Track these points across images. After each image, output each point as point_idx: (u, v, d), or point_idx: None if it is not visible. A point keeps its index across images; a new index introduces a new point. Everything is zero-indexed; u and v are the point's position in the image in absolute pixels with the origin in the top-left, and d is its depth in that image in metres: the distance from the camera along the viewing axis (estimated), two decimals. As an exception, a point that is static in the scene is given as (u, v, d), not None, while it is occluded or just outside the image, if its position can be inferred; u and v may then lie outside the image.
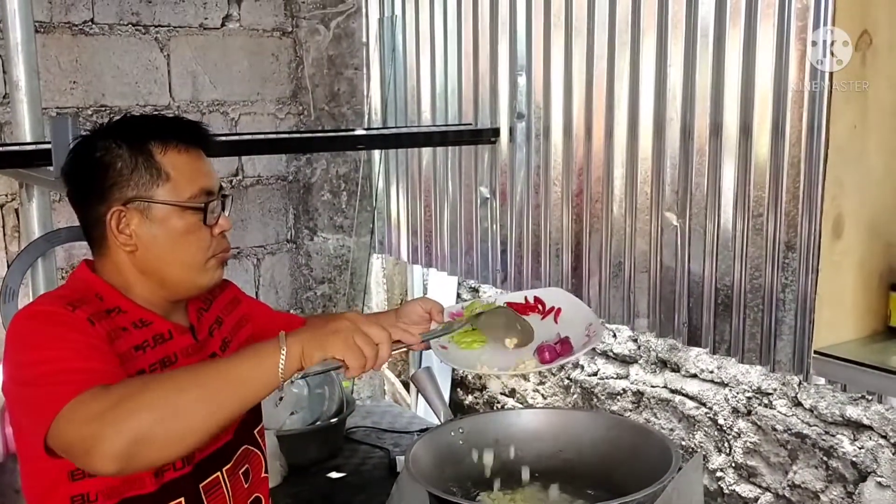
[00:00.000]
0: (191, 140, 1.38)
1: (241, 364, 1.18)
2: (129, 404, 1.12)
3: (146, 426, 1.10)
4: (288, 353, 1.16)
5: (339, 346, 1.18)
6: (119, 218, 1.33)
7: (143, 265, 1.35)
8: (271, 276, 3.20)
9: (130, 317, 1.34)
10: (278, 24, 3.08)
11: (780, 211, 1.82)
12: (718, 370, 2.28)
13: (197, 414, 1.13)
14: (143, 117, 1.44)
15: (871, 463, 1.95)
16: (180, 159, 1.35)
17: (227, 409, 1.15)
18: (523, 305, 1.53)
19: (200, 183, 1.36)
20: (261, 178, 3.12)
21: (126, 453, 1.09)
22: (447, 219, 2.82)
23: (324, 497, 2.35)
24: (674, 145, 2.04)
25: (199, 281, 1.38)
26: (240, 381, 1.16)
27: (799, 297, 1.80)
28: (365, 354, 1.19)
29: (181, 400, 1.13)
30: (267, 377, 1.16)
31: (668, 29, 2.02)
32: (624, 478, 1.47)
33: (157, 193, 1.33)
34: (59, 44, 2.65)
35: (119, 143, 1.34)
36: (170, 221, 1.33)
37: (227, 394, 1.15)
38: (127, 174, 1.32)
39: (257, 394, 1.18)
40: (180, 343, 1.39)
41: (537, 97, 2.41)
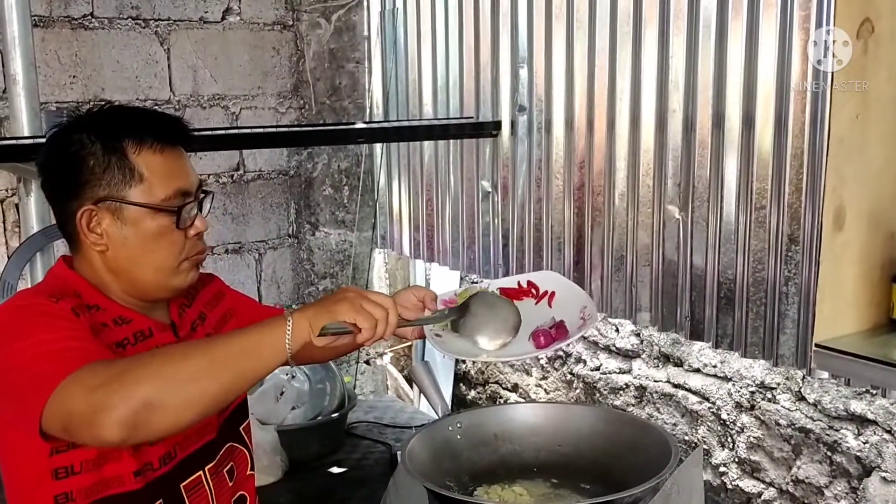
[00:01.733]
0: (168, 138, 1.33)
1: (248, 336, 1.18)
2: (135, 372, 1.11)
3: (154, 392, 1.09)
4: (294, 324, 1.16)
5: (348, 309, 1.18)
6: (90, 217, 1.29)
7: (113, 265, 1.32)
8: (273, 271, 3.20)
9: (110, 314, 1.32)
10: (279, 17, 3.06)
11: (783, 203, 1.80)
12: (721, 364, 2.26)
13: (204, 381, 1.12)
14: (121, 110, 1.38)
15: (875, 458, 1.93)
16: (155, 159, 1.30)
17: (234, 378, 1.15)
18: (516, 290, 1.51)
19: (176, 184, 1.32)
20: (262, 172, 3.11)
21: (133, 421, 1.08)
22: (449, 213, 2.80)
23: (324, 492, 2.34)
24: (676, 138, 2.02)
25: (171, 283, 1.35)
26: (247, 351, 1.16)
27: (802, 290, 1.78)
28: (375, 317, 1.19)
29: (188, 366, 1.12)
30: (274, 348, 1.16)
31: (669, 20, 1.99)
32: (623, 472, 1.45)
33: (129, 194, 1.29)
34: (59, 38, 2.64)
35: (93, 139, 1.29)
36: (142, 223, 1.30)
37: (234, 363, 1.15)
38: (99, 173, 1.29)
39: (265, 364, 1.17)
40: (161, 340, 1.36)
41: (539, 90, 2.39)
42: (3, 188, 2.58)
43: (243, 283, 3.09)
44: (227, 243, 3.08)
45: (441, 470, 1.49)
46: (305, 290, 3.27)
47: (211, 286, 1.55)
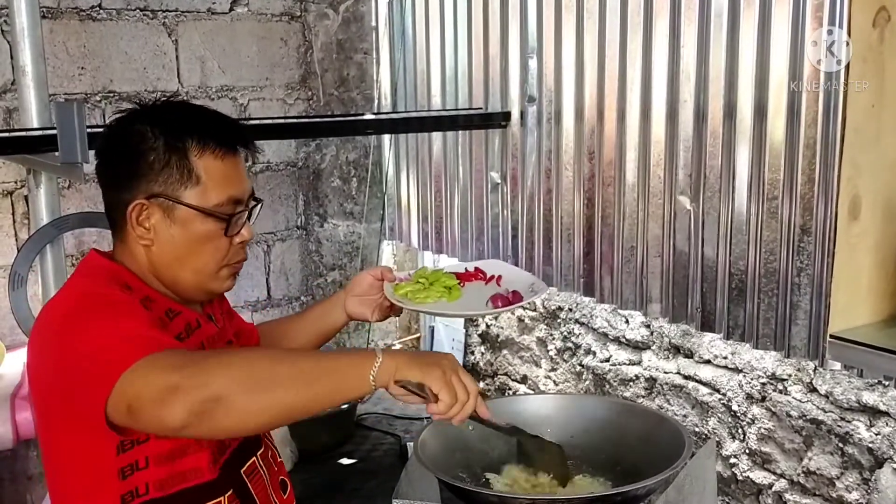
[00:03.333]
0: (231, 144, 1.33)
1: (336, 359, 1.17)
2: (218, 362, 1.10)
3: (230, 387, 1.08)
4: (382, 364, 1.14)
5: (439, 378, 1.16)
6: (140, 211, 1.30)
7: (156, 261, 1.32)
8: (281, 263, 3.19)
9: (161, 306, 1.32)
10: (287, 8, 3.05)
11: (795, 194, 1.79)
12: (732, 356, 2.25)
13: (285, 391, 1.11)
14: (187, 108, 1.39)
15: (887, 449, 1.92)
16: (216, 165, 1.30)
17: (312, 396, 1.13)
18: (468, 273, 1.66)
19: (230, 191, 1.32)
20: (270, 164, 3.11)
21: (199, 410, 1.07)
22: (458, 204, 2.80)
23: (334, 483, 2.34)
24: (687, 128, 2.01)
25: (209, 286, 1.36)
26: (332, 373, 1.15)
27: (815, 281, 1.77)
28: (458, 397, 1.17)
29: (273, 372, 1.11)
30: (358, 378, 1.14)
31: (681, 10, 1.98)
32: (636, 463, 1.45)
33: (183, 195, 1.29)
34: (67, 29, 2.64)
35: (156, 134, 1.29)
36: (191, 225, 1.30)
37: (317, 381, 1.13)
38: (158, 169, 1.29)
39: (344, 392, 1.16)
40: (207, 331, 1.38)
41: (548, 80, 2.38)
42: (12, 180, 2.59)
43: (252, 275, 3.09)
44: (236, 235, 3.08)
45: (453, 461, 1.49)
46: (314, 281, 3.27)
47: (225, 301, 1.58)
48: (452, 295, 1.59)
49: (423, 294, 1.57)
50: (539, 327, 2.87)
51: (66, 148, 1.77)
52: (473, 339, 3.16)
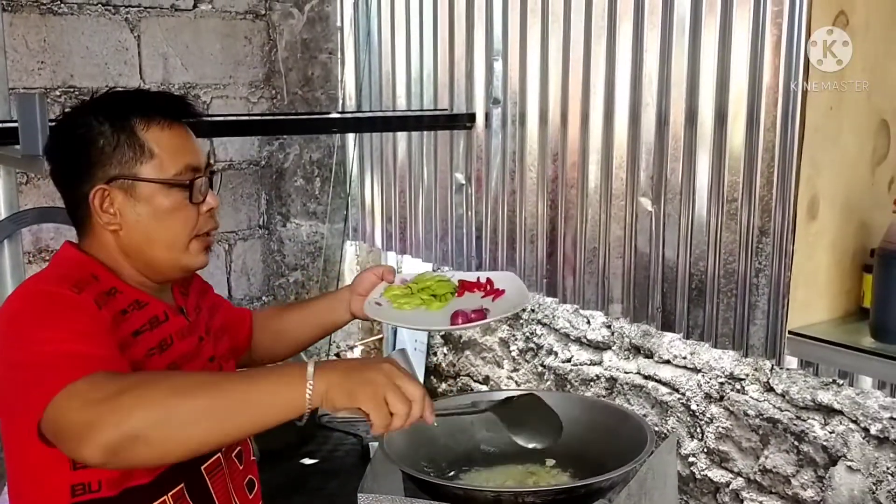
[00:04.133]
0: (175, 115, 1.34)
1: (262, 387, 1.09)
2: (133, 397, 1.05)
3: (147, 424, 1.04)
4: (315, 390, 1.07)
5: (369, 399, 1.09)
6: (102, 197, 1.30)
7: (127, 245, 1.32)
8: (243, 263, 3.17)
9: (127, 298, 1.31)
10: (251, 6, 3.04)
11: (754, 196, 1.83)
12: (691, 356, 2.29)
13: (200, 426, 1.06)
14: (127, 92, 1.40)
15: (841, 447, 1.97)
16: (164, 135, 1.31)
17: (235, 429, 1.09)
18: (472, 283, 1.58)
19: (186, 159, 1.33)
20: (233, 162, 3.09)
21: (116, 447, 1.04)
22: (422, 205, 2.81)
23: (296, 483, 2.33)
24: (649, 131, 2.04)
25: (184, 261, 1.35)
26: (257, 404, 1.08)
27: (772, 281, 1.81)
28: (393, 412, 1.09)
29: (189, 405, 1.06)
30: (288, 407, 1.08)
31: (644, 15, 2.01)
32: (599, 458, 1.47)
33: (141, 171, 1.29)
34: (27, 23, 2.60)
35: (101, 120, 1.30)
36: (155, 199, 1.30)
37: (240, 414, 1.08)
38: (109, 152, 1.29)
39: (272, 420, 1.09)
40: (175, 325, 1.37)
41: (513, 83, 2.40)
42: (-32, 174, 2.53)
43: (213, 274, 3.06)
44: (197, 234, 3.05)
45: (418, 456, 1.50)
46: (276, 281, 3.25)
47: (197, 279, 1.56)
48: (436, 304, 1.51)
49: (405, 300, 1.52)
50: (501, 328, 2.89)
51: (28, 140, 1.74)
52: (436, 340, 3.17)
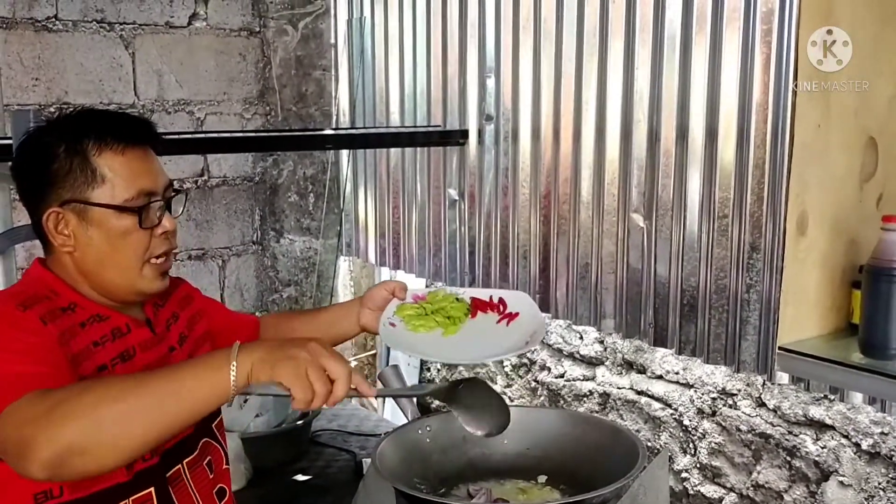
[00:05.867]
0: (130, 138, 1.33)
1: (188, 376, 1.11)
2: (63, 411, 1.07)
3: (78, 435, 1.06)
4: (238, 368, 1.09)
5: (290, 374, 1.09)
6: (57, 219, 1.31)
7: (82, 266, 1.33)
8: (237, 278, 3.18)
9: (87, 312, 1.32)
10: (246, 23, 3.06)
11: (744, 212, 1.84)
12: (684, 371, 2.29)
13: (132, 425, 1.08)
14: (88, 113, 1.38)
15: (833, 462, 1.98)
16: (117, 160, 1.31)
17: (169, 421, 1.10)
18: (485, 303, 1.52)
19: (139, 184, 1.32)
20: (227, 178, 3.10)
21: (56, 461, 1.06)
22: (415, 221, 2.82)
23: (289, 500, 2.32)
24: (641, 147, 2.06)
25: (138, 285, 1.35)
26: (184, 393, 1.10)
27: (763, 297, 1.82)
28: (315, 390, 1.10)
29: (116, 409, 1.08)
30: (214, 391, 1.10)
31: (635, 33, 2.03)
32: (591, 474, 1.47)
33: (92, 195, 1.30)
34: (22, 40, 2.61)
35: (57, 142, 1.30)
36: (106, 224, 1.31)
37: (169, 406, 1.09)
38: (62, 175, 1.30)
39: (203, 407, 1.11)
40: (138, 336, 1.37)
41: (506, 99, 2.42)
42: (-39, 191, 2.54)
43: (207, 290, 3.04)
44: (191, 249, 3.06)
45: (411, 472, 1.50)
46: (269, 297, 3.25)
47: (181, 288, 1.56)
48: (451, 327, 1.45)
49: (420, 321, 1.45)
50: (494, 344, 2.89)
51: (22, 157, 1.74)
52: (429, 356, 3.17)
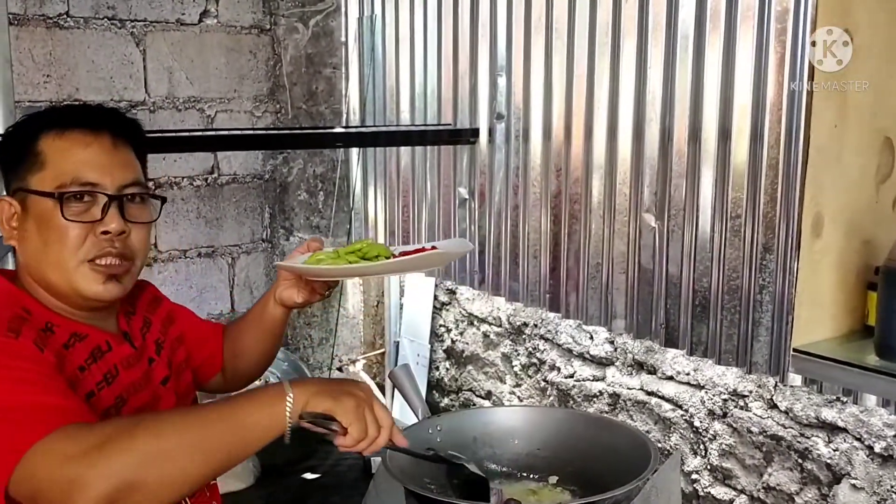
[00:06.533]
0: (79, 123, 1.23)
1: (243, 410, 1.07)
2: (117, 444, 1.00)
3: (136, 470, 1.00)
4: (294, 399, 1.07)
5: (351, 410, 1.10)
6: (9, 209, 1.23)
7: (25, 263, 1.25)
8: (246, 276, 3.18)
9: (64, 331, 1.21)
10: (256, 21, 3.06)
11: (757, 213, 1.83)
12: (694, 372, 2.28)
13: (193, 459, 1.04)
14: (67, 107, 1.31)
15: (845, 465, 1.96)
16: (59, 145, 1.22)
17: (228, 455, 1.06)
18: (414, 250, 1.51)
19: (76, 173, 1.21)
20: (237, 176, 3.10)
21: (110, 498, 0.98)
22: (425, 219, 2.81)
23: (297, 498, 2.33)
24: (653, 147, 2.04)
25: (77, 285, 1.23)
26: (243, 426, 1.06)
27: (776, 298, 1.80)
28: (368, 433, 1.11)
29: (175, 443, 1.03)
30: (271, 424, 1.07)
31: (648, 32, 2.02)
32: (602, 476, 1.46)
33: (31, 182, 1.21)
34: (33, 36, 2.61)
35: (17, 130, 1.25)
36: (42, 215, 1.21)
37: (229, 439, 1.05)
38: (13, 162, 1.24)
39: (259, 441, 1.07)
40: (119, 354, 1.28)
41: (517, 98, 2.41)
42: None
43: (216, 288, 3.07)
44: (200, 247, 3.06)
45: (421, 472, 1.49)
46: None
47: (148, 291, 1.48)
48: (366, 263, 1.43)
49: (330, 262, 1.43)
50: (504, 343, 2.88)
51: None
52: (439, 355, 3.16)
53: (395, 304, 3.25)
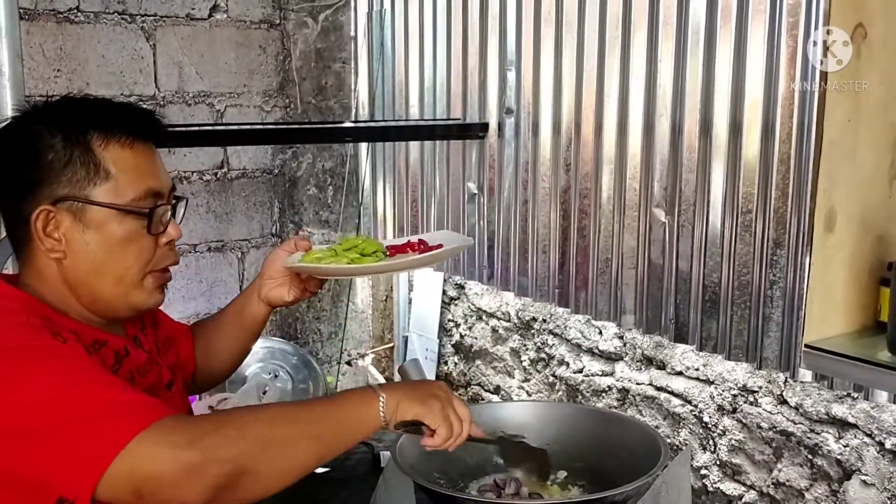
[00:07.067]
0: (140, 132, 1.20)
1: (345, 406, 1.17)
2: (230, 431, 1.03)
3: (250, 456, 1.03)
4: (386, 402, 1.16)
5: (438, 412, 1.19)
6: (47, 219, 1.15)
7: (71, 276, 1.18)
8: (255, 271, 3.17)
9: (87, 338, 1.18)
10: (266, 15, 3.06)
11: (769, 208, 1.82)
12: (704, 368, 2.27)
13: (302, 450, 1.10)
14: (85, 100, 1.23)
15: (855, 461, 1.95)
16: (125, 155, 1.17)
17: (327, 449, 1.13)
18: (402, 245, 1.52)
19: (148, 183, 1.19)
20: (246, 171, 3.10)
21: (224, 485, 1.00)
22: (434, 214, 2.80)
23: (306, 492, 2.32)
24: (663, 142, 2.03)
25: (134, 299, 1.22)
26: (347, 421, 1.15)
27: (787, 294, 1.80)
28: (454, 430, 1.19)
29: (288, 433, 1.09)
30: (367, 422, 1.16)
31: (659, 25, 2.01)
32: (612, 471, 1.46)
33: (94, 193, 1.15)
34: (44, 31, 2.62)
35: (52, 131, 1.15)
36: (107, 227, 1.16)
37: (329, 434, 1.13)
38: (59, 168, 1.14)
39: (356, 437, 1.17)
40: (135, 360, 1.26)
41: (527, 93, 2.40)
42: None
43: (225, 282, 3.08)
44: (210, 241, 3.07)
45: (430, 466, 1.49)
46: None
47: None
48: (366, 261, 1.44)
49: (332, 260, 1.43)
50: (513, 338, 2.88)
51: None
52: (447, 350, 3.16)
53: (404, 299, 3.25)
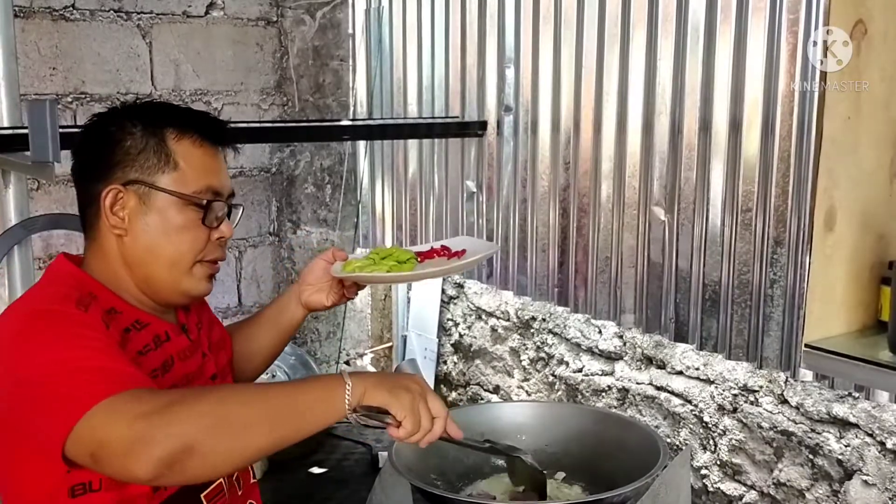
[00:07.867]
0: (210, 135, 1.32)
1: (305, 392, 1.14)
2: (183, 408, 1.04)
3: (201, 435, 1.03)
4: (353, 388, 1.12)
5: (405, 404, 1.14)
6: (115, 197, 1.27)
7: (129, 254, 1.29)
8: (253, 269, 3.17)
9: (128, 317, 1.28)
10: (263, 13, 3.04)
11: (769, 206, 1.81)
12: (704, 367, 2.26)
13: (255, 432, 1.07)
14: (168, 103, 1.39)
15: (856, 461, 1.94)
16: (194, 152, 1.29)
17: (283, 434, 1.10)
18: (428, 252, 1.60)
19: (209, 181, 1.30)
20: (243, 169, 3.09)
21: (170, 460, 1.01)
22: (433, 213, 2.79)
23: (305, 493, 2.32)
24: (663, 140, 2.02)
25: (184, 285, 1.32)
26: (302, 408, 1.11)
27: (787, 293, 1.79)
28: (421, 425, 1.16)
29: (241, 413, 1.07)
30: (329, 408, 1.12)
31: (658, 23, 2.00)
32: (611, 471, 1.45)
33: (160, 180, 1.27)
34: (39, 29, 2.60)
35: (134, 123, 1.29)
36: (168, 212, 1.28)
37: (286, 419, 1.10)
38: (134, 154, 1.27)
39: (316, 424, 1.13)
40: (177, 345, 1.33)
41: (525, 90, 2.39)
42: (-21, 180, 2.53)
43: (223, 281, 3.06)
44: (208, 240, 3.05)
45: (428, 468, 1.48)
46: (286, 288, 3.24)
47: None
48: (405, 268, 1.54)
49: (373, 268, 1.53)
50: (512, 337, 2.87)
51: (38, 146, 1.73)
52: (446, 349, 3.15)
53: (403, 298, 3.24)
